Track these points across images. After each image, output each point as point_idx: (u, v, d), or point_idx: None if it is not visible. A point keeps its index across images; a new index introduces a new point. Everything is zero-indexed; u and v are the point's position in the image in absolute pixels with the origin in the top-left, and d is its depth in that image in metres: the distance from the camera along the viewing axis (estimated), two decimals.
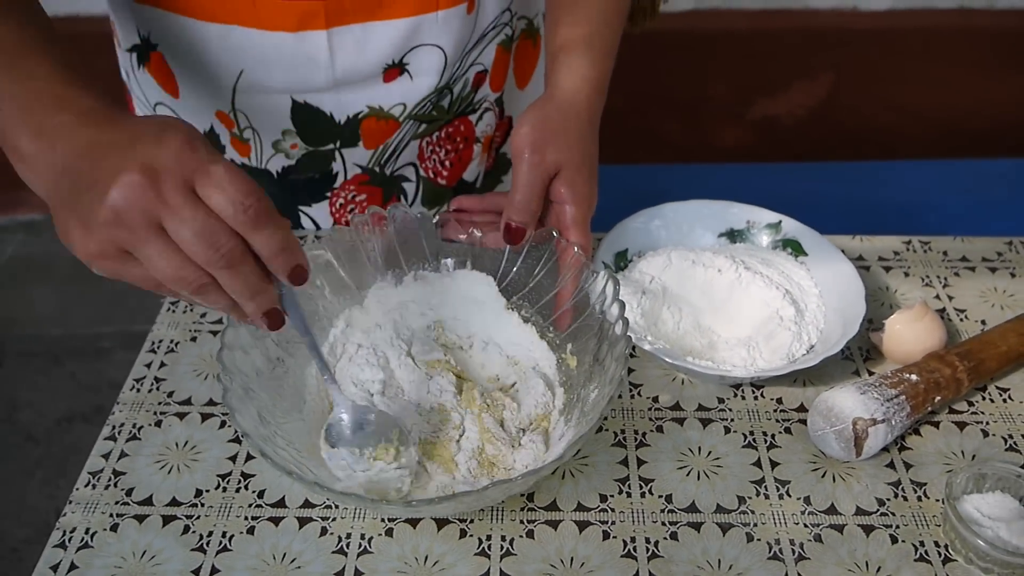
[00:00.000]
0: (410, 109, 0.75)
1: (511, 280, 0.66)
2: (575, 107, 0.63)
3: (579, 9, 0.66)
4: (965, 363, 0.63)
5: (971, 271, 0.78)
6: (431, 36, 0.71)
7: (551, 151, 0.61)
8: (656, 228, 0.74)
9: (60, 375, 1.84)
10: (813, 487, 0.59)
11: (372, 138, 0.76)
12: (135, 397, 0.67)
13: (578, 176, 0.62)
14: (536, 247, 0.64)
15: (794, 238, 0.73)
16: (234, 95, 0.73)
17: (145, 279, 0.46)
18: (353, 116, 0.74)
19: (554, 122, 0.62)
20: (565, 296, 0.63)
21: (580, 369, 0.61)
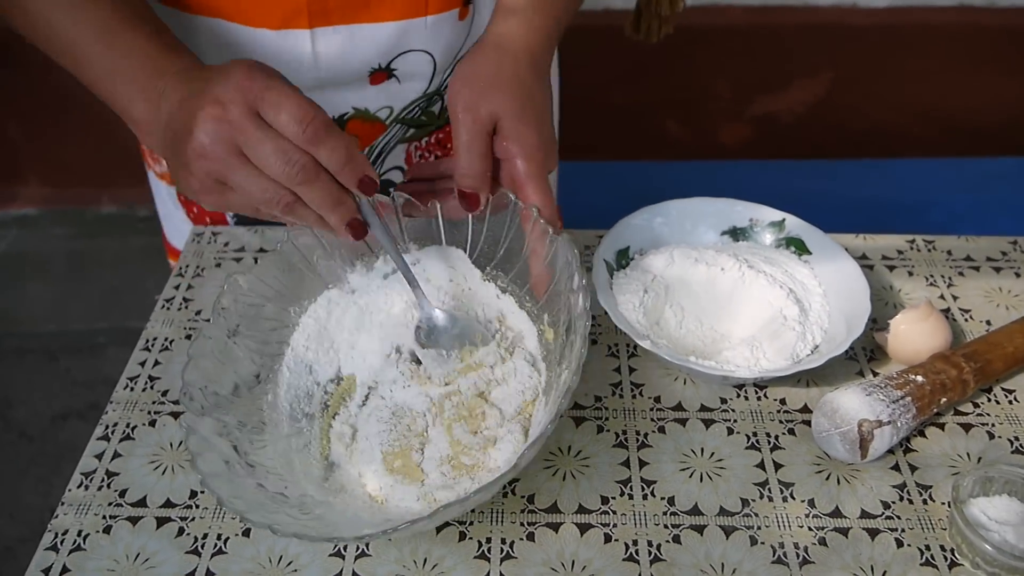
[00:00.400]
0: (397, 113, 0.74)
1: (481, 250, 0.62)
2: (510, 49, 0.57)
3: None
4: (971, 364, 0.62)
5: (975, 271, 0.77)
6: (419, 41, 0.70)
7: (486, 102, 0.55)
8: (658, 225, 0.73)
9: (55, 372, 1.83)
10: (817, 489, 0.59)
11: (358, 139, 0.75)
12: (129, 396, 0.66)
13: (520, 124, 0.55)
14: (497, 212, 0.59)
15: (798, 236, 0.72)
16: None
17: (244, 205, 0.51)
18: (338, 116, 0.73)
19: (486, 70, 0.56)
20: (535, 262, 0.58)
21: (556, 343, 0.58)
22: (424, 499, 0.55)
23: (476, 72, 0.56)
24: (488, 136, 0.56)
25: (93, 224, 2.18)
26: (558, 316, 0.58)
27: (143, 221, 2.18)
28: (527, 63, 0.57)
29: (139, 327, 0.72)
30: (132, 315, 1.96)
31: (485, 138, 0.56)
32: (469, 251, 0.63)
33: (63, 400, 1.77)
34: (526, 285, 0.61)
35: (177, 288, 0.75)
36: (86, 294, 2.00)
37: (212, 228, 0.81)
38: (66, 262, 2.10)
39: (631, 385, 0.66)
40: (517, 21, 0.58)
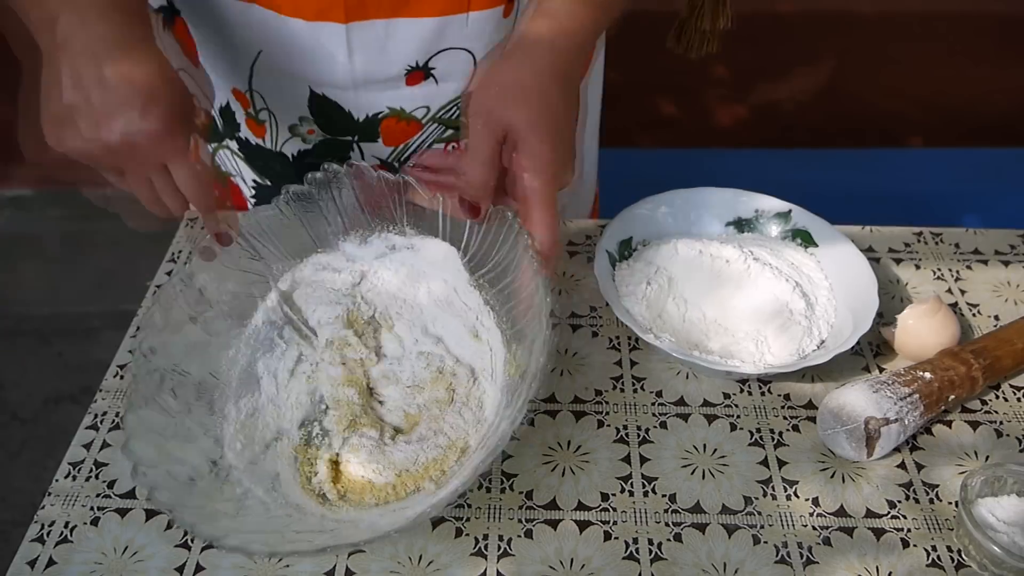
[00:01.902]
0: (434, 112, 0.71)
1: (474, 254, 0.59)
2: (533, 55, 0.53)
3: None
4: (980, 361, 0.61)
5: (983, 264, 0.76)
6: (460, 39, 0.66)
7: (499, 110, 0.51)
8: (662, 215, 0.72)
9: (47, 354, 1.81)
10: (822, 488, 0.57)
11: (392, 137, 0.72)
12: (118, 384, 0.64)
13: (533, 137, 0.51)
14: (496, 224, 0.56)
15: (804, 228, 0.71)
16: (251, 75, 0.69)
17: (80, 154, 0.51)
18: (372, 115, 0.70)
19: (505, 75, 0.52)
20: (520, 289, 0.55)
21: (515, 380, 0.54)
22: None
23: (495, 75, 0.53)
24: (498, 145, 0.52)
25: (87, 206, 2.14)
26: (524, 355, 0.53)
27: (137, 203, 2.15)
28: (551, 71, 0.53)
29: (133, 310, 0.71)
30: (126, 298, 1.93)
31: (495, 147, 0.52)
32: (463, 251, 0.60)
33: (55, 383, 1.75)
34: (508, 303, 0.57)
35: (169, 274, 0.74)
36: (80, 276, 1.98)
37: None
38: (60, 244, 2.08)
39: (632, 379, 0.64)
40: (548, 24, 0.54)
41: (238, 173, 0.79)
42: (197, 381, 0.55)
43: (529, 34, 0.54)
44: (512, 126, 0.51)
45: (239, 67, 0.69)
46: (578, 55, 0.56)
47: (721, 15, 0.73)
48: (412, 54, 0.66)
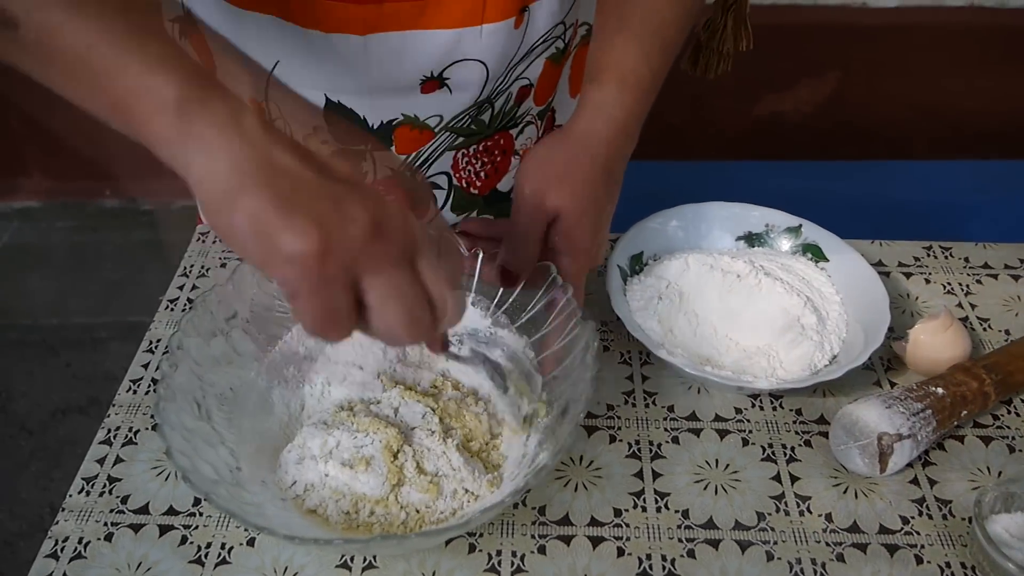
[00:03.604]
0: (447, 121, 0.72)
1: (507, 308, 0.62)
2: (589, 149, 0.58)
3: (623, 30, 0.61)
4: (992, 376, 0.61)
5: (994, 278, 0.76)
6: (474, 50, 0.67)
7: (552, 196, 0.56)
8: (673, 229, 0.72)
9: (55, 366, 1.82)
10: (835, 503, 0.57)
11: (405, 145, 0.73)
12: (131, 399, 0.64)
13: (577, 227, 0.57)
14: (531, 286, 0.60)
15: (815, 243, 0.71)
16: (267, 85, 0.70)
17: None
18: (387, 122, 0.71)
19: (560, 164, 0.57)
20: (551, 340, 0.59)
21: (542, 420, 0.57)
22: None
23: (551, 161, 0.57)
24: (545, 226, 0.57)
25: (95, 217, 2.16)
26: (556, 396, 0.56)
27: (145, 215, 2.16)
28: (602, 165, 0.58)
29: (140, 321, 0.71)
30: (133, 309, 1.95)
31: (542, 228, 0.57)
32: (495, 305, 0.62)
33: (63, 394, 1.76)
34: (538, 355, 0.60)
35: (181, 288, 0.74)
36: (87, 288, 1.99)
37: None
38: (68, 255, 2.09)
39: (644, 394, 0.64)
40: (602, 116, 0.58)
41: None
42: (219, 392, 0.55)
43: (585, 129, 0.58)
44: (560, 212, 0.57)
45: (256, 77, 0.70)
46: (625, 144, 0.60)
47: (743, 36, 0.74)
48: (427, 64, 0.67)
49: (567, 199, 0.57)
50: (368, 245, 0.38)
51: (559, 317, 0.58)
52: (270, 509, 0.50)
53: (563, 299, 0.57)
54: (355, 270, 0.39)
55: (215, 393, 0.55)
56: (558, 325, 0.58)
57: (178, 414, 0.50)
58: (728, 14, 0.72)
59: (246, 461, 0.53)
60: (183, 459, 0.47)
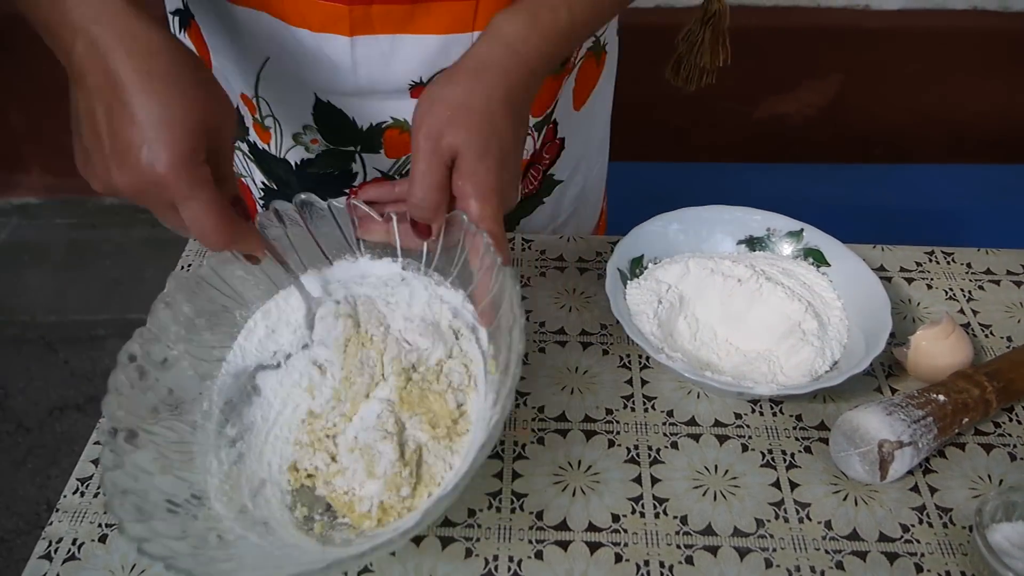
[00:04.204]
0: None
1: (436, 267, 0.59)
2: (485, 81, 0.53)
3: None
4: (994, 383, 0.61)
5: (995, 284, 0.76)
6: None
7: (447, 133, 0.52)
8: (674, 232, 0.72)
9: (53, 363, 1.82)
10: (834, 511, 0.57)
11: (395, 149, 0.72)
12: None
13: (480, 164, 0.52)
14: (451, 238, 0.56)
15: (816, 247, 0.70)
16: (258, 81, 0.69)
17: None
18: (376, 124, 0.70)
19: (454, 98, 0.52)
20: (482, 291, 0.55)
21: (495, 378, 0.53)
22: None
23: (444, 98, 0.53)
24: (446, 168, 0.53)
25: (94, 214, 2.16)
26: (499, 352, 0.53)
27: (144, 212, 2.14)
28: (502, 96, 0.53)
29: (139, 319, 0.70)
30: (132, 307, 1.95)
31: (442, 170, 0.53)
32: (424, 264, 0.60)
33: (61, 392, 1.76)
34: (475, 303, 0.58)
35: None
36: (86, 285, 1.99)
37: None
38: (67, 252, 2.08)
39: (643, 398, 0.64)
40: (500, 49, 0.54)
41: (248, 174, 0.80)
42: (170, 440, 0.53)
43: (481, 58, 0.54)
44: (459, 151, 0.52)
45: (247, 73, 0.70)
46: (529, 80, 0.55)
47: (720, 51, 0.73)
48: (416, 69, 0.66)
49: (463, 136, 0.52)
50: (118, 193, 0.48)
51: (483, 267, 0.54)
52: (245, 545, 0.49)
53: (481, 247, 0.53)
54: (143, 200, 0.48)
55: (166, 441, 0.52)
56: (483, 276, 0.55)
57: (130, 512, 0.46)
58: (706, 27, 0.71)
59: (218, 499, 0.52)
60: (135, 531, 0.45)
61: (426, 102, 0.53)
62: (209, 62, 0.72)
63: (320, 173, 0.75)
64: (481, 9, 0.64)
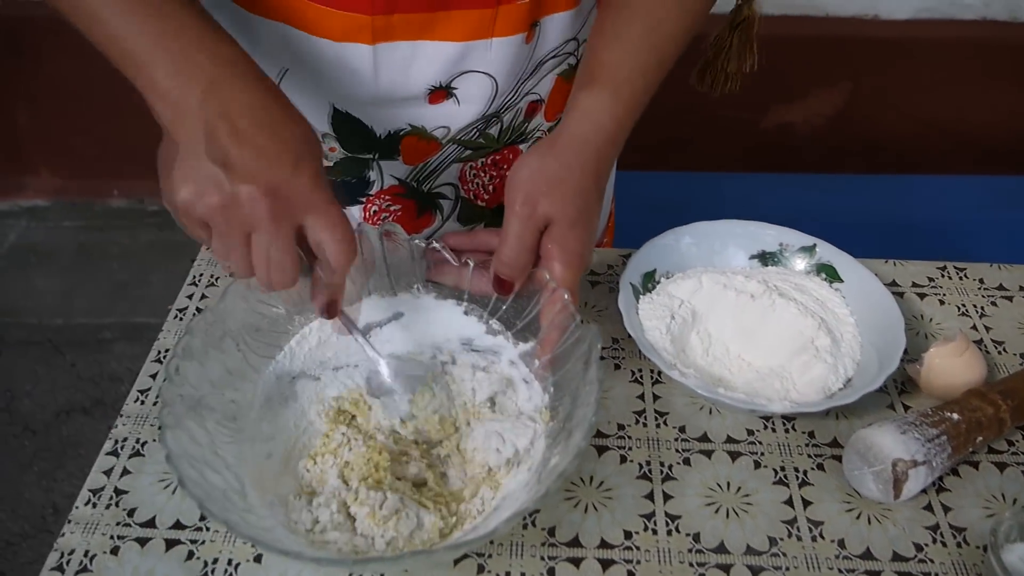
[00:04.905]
0: (453, 133, 0.71)
1: (501, 316, 0.63)
2: (580, 157, 0.58)
3: (622, 39, 0.61)
4: (1008, 402, 0.60)
5: (1008, 300, 0.75)
6: (482, 63, 0.67)
7: (544, 203, 0.57)
8: (686, 246, 0.71)
9: (60, 365, 1.82)
10: (847, 529, 0.57)
11: (412, 155, 0.73)
12: (139, 410, 0.64)
13: (570, 233, 0.58)
14: (524, 293, 0.61)
15: (829, 263, 0.70)
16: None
17: (205, 242, 0.51)
18: (394, 132, 0.71)
19: (552, 171, 0.58)
20: (547, 347, 0.59)
21: (550, 427, 0.57)
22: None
23: (542, 169, 0.58)
24: (538, 233, 0.58)
25: (102, 217, 2.17)
26: (560, 401, 0.57)
27: (152, 215, 2.16)
28: (593, 172, 0.59)
29: (146, 323, 0.71)
30: (139, 311, 1.95)
31: (535, 235, 0.58)
32: (489, 313, 0.63)
33: (67, 394, 1.76)
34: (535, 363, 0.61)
35: (190, 298, 0.74)
36: (93, 288, 1.99)
37: None
38: (74, 255, 2.09)
39: (655, 413, 0.64)
40: (592, 126, 0.59)
41: None
42: (218, 418, 0.55)
43: (575, 135, 0.59)
44: (553, 220, 0.57)
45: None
46: (613, 153, 0.61)
47: (748, 56, 0.73)
48: (436, 75, 0.67)
49: (559, 207, 0.57)
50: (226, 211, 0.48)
51: (556, 322, 0.58)
52: (280, 532, 0.50)
53: (560, 304, 0.57)
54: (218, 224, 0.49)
55: (215, 419, 0.54)
56: (556, 330, 0.58)
57: (183, 442, 0.50)
58: (735, 32, 0.72)
59: (250, 485, 0.53)
60: (196, 487, 0.47)
61: (525, 170, 0.58)
62: None
63: (337, 180, 0.75)
64: (500, 15, 0.64)
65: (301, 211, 0.49)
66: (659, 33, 0.62)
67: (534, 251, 0.59)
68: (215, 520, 0.46)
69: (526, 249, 0.58)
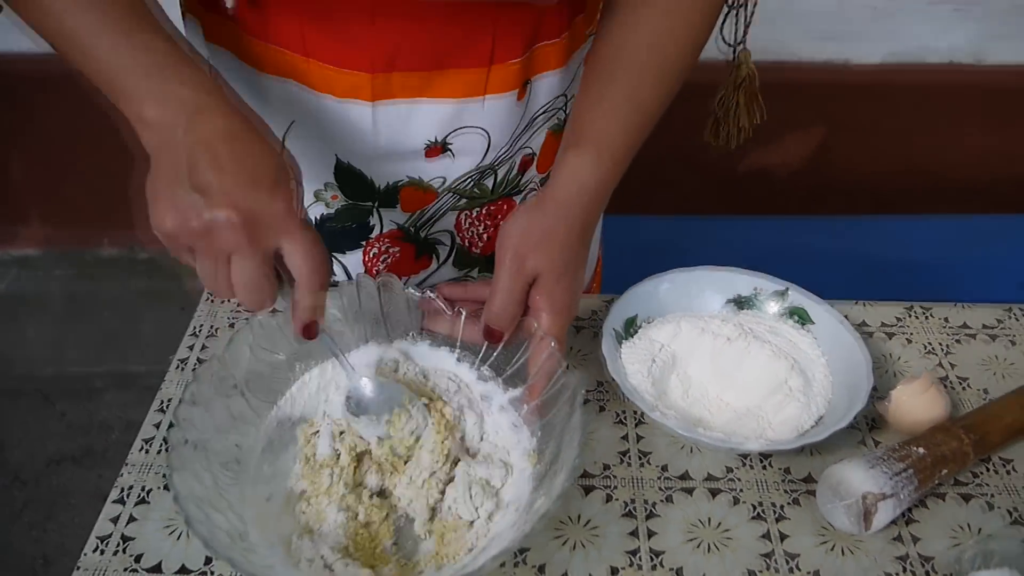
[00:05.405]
0: (450, 183, 0.75)
1: (492, 363, 0.66)
2: (567, 214, 0.62)
3: (605, 103, 0.65)
4: (970, 436, 0.64)
5: (972, 338, 0.79)
6: (476, 120, 0.71)
7: (532, 258, 0.61)
8: (665, 292, 0.75)
9: (50, 415, 1.82)
10: (822, 561, 0.60)
11: (410, 203, 0.77)
12: (144, 459, 0.66)
13: (557, 286, 0.62)
14: (513, 341, 0.64)
15: (800, 306, 0.74)
16: (283, 143, 0.74)
17: (190, 266, 0.54)
18: (393, 183, 0.75)
19: (540, 228, 0.62)
20: (535, 393, 0.62)
21: (536, 469, 0.60)
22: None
23: (531, 226, 0.62)
24: (527, 286, 0.62)
25: (93, 266, 2.19)
26: (546, 445, 0.60)
27: (143, 264, 2.19)
28: (578, 228, 0.63)
29: (137, 371, 0.73)
30: (130, 359, 1.96)
31: (524, 288, 0.62)
32: (479, 361, 0.66)
33: (57, 444, 1.76)
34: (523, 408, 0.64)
35: (191, 348, 0.76)
36: (84, 336, 2.00)
37: None
38: (65, 303, 2.10)
39: (639, 453, 0.67)
40: (578, 187, 0.63)
41: None
42: (223, 460, 0.57)
43: (562, 195, 0.63)
44: (541, 274, 0.61)
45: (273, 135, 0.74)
46: (598, 210, 0.65)
47: (756, 109, 0.78)
48: (432, 131, 0.71)
49: (547, 262, 0.61)
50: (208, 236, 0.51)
51: (544, 369, 0.61)
52: (280, 570, 0.52)
53: (547, 352, 0.61)
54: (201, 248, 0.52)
55: (220, 461, 0.57)
56: (543, 377, 0.61)
57: (189, 484, 0.52)
58: (739, 91, 0.76)
59: (252, 525, 0.55)
60: (201, 527, 0.49)
61: (515, 227, 0.62)
62: None
63: (339, 228, 0.79)
64: (493, 75, 0.69)
65: (277, 235, 0.52)
66: (639, 97, 0.66)
67: (523, 303, 0.62)
68: (219, 558, 0.49)
69: (515, 302, 0.62)
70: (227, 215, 0.50)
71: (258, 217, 0.51)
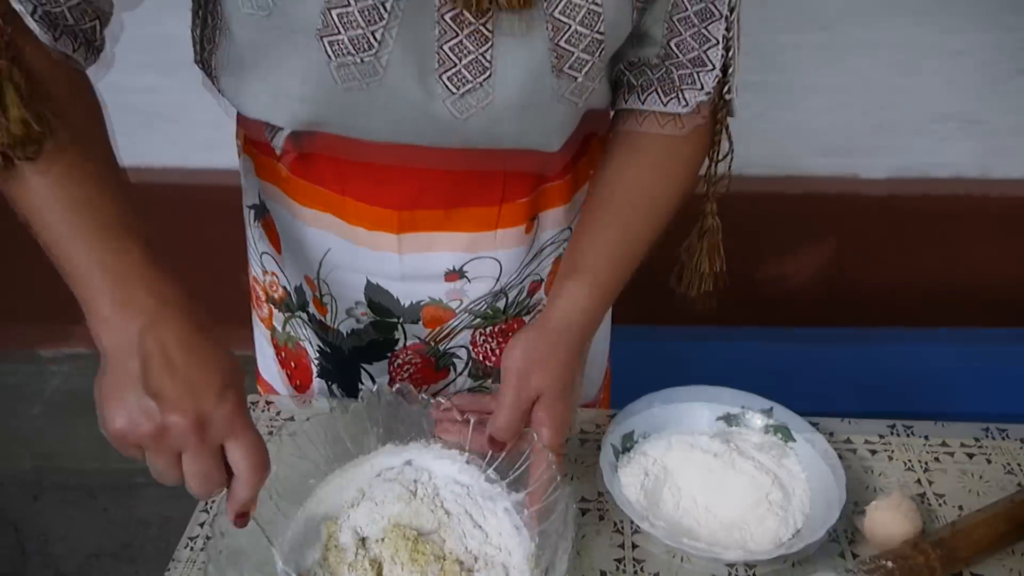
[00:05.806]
0: (466, 305, 0.86)
1: (497, 467, 0.73)
2: (565, 337, 0.71)
3: (599, 238, 0.75)
4: (937, 551, 0.69)
5: (950, 456, 0.85)
6: (489, 249, 0.82)
7: (536, 377, 0.68)
8: (659, 410, 0.83)
9: (93, 509, 1.90)
10: None
11: (431, 321, 0.86)
12: (188, 555, 0.74)
13: (558, 402, 0.69)
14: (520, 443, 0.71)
15: (784, 424, 0.81)
16: (320, 267, 0.85)
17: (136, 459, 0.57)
18: (416, 302, 0.85)
19: (542, 350, 0.69)
20: (535, 497, 0.69)
21: (536, 573, 0.65)
22: None
23: (535, 348, 0.70)
24: (531, 403, 0.69)
25: None
26: (543, 551, 0.66)
27: None
28: (576, 349, 0.72)
29: None
30: None
31: (528, 404, 0.69)
32: (486, 464, 0.73)
33: (98, 539, 1.83)
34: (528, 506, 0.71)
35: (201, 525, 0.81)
36: None
37: (266, 397, 0.92)
38: None
39: (634, 561, 0.73)
40: (579, 313, 0.72)
41: (307, 339, 0.94)
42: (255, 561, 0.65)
43: (564, 320, 0.72)
44: (545, 391, 0.69)
45: (311, 260, 0.85)
46: (594, 330, 0.74)
47: (716, 259, 0.87)
48: (450, 260, 0.82)
49: (548, 380, 0.69)
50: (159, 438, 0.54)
51: (542, 479, 0.69)
52: None
53: (545, 463, 0.68)
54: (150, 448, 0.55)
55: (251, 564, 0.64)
56: (541, 486, 0.69)
57: None
58: (703, 238, 0.86)
59: None
60: None
61: (519, 350, 0.70)
62: (279, 249, 0.88)
63: (367, 340, 0.89)
64: (503, 211, 0.80)
65: (223, 436, 0.56)
66: (630, 233, 0.77)
67: (526, 417, 0.70)
68: None
69: (519, 417, 0.69)
70: (178, 420, 0.54)
71: (207, 420, 0.55)
